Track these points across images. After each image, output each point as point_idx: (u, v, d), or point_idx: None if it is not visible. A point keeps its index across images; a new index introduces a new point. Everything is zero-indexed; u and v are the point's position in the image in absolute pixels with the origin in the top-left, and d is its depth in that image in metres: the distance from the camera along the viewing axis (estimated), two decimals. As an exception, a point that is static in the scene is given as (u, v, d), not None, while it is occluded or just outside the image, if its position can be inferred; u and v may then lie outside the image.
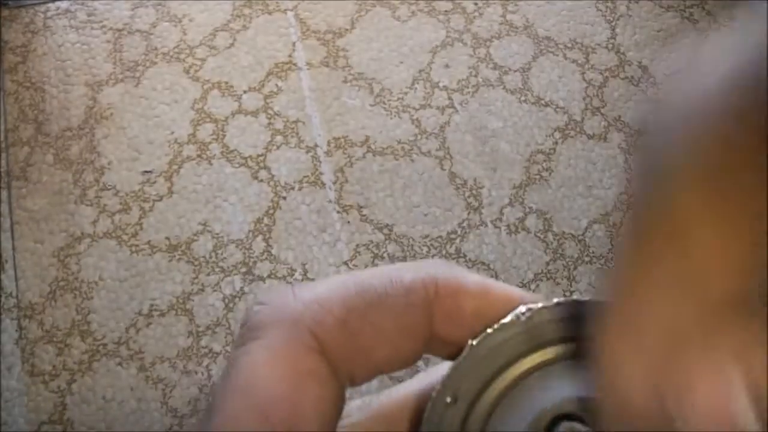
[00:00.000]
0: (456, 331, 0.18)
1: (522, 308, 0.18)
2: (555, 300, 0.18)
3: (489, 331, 0.18)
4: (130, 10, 1.30)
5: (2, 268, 1.10)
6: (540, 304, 0.18)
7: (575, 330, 0.18)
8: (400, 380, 0.21)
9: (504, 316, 0.18)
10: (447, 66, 1.26)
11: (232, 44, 1.27)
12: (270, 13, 1.30)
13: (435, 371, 0.20)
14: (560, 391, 0.18)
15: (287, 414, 0.16)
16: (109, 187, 1.16)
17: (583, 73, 1.27)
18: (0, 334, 1.06)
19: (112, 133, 1.20)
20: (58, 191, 1.15)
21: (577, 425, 0.18)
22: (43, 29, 1.28)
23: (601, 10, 1.32)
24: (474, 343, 0.18)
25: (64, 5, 1.30)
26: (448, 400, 0.18)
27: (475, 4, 1.32)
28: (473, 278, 0.18)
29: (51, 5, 1.30)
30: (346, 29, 1.29)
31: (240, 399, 0.17)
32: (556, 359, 0.18)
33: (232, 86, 1.24)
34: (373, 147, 1.19)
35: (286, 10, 1.30)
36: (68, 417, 1.02)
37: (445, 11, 1.31)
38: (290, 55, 1.26)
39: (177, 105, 1.22)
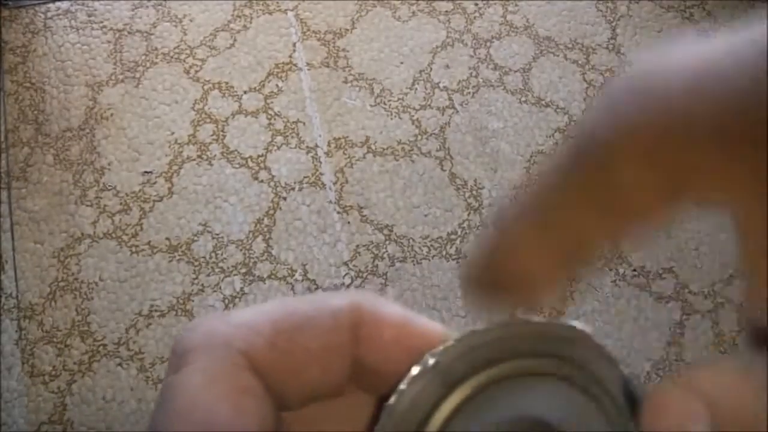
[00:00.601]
0: (377, 357, 0.19)
1: (427, 355, 0.18)
2: (452, 339, 0.18)
3: (402, 387, 0.18)
4: (130, 10, 1.30)
5: (2, 269, 1.10)
6: (441, 347, 0.18)
7: (482, 360, 0.18)
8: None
9: (419, 353, 0.18)
10: (447, 66, 1.26)
11: (232, 44, 1.27)
12: (270, 14, 1.30)
13: None
14: (487, 420, 0.18)
15: None
16: (109, 188, 1.16)
17: (584, 74, 1.26)
18: (0, 334, 1.06)
19: (113, 133, 1.20)
20: (58, 192, 1.15)
21: None
22: (44, 29, 1.28)
23: (601, 11, 1.32)
24: (391, 402, 0.18)
25: (64, 5, 1.30)
26: None
27: (476, 4, 1.32)
28: (395, 309, 0.19)
29: (51, 5, 1.30)
30: (347, 30, 1.29)
31: (181, 424, 0.17)
32: (474, 392, 0.18)
33: (232, 87, 1.24)
34: (373, 147, 1.19)
35: (286, 10, 1.30)
36: (68, 417, 1.02)
37: (446, 12, 1.31)
38: (291, 56, 1.26)
39: (177, 105, 1.22)
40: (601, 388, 0.18)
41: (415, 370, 0.18)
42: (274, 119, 1.21)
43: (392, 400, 0.18)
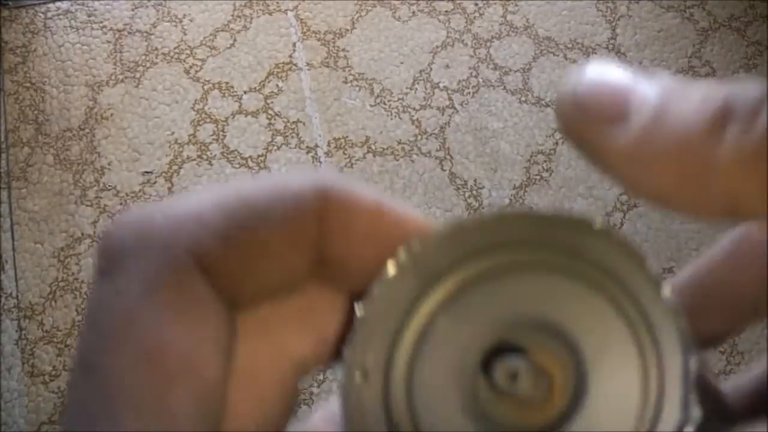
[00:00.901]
0: (347, 250, 0.16)
1: (406, 246, 0.16)
2: (438, 229, 0.16)
3: (377, 283, 0.16)
4: (130, 10, 1.30)
5: (2, 269, 1.10)
6: (422, 237, 0.16)
7: (470, 251, 0.16)
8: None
9: (395, 244, 0.16)
10: (447, 66, 1.26)
11: (232, 44, 1.27)
12: (270, 14, 1.30)
13: None
14: (478, 320, 0.16)
15: (183, 358, 0.14)
16: (110, 188, 1.16)
17: (584, 74, 1.26)
18: (0, 334, 1.06)
19: (113, 133, 1.20)
20: (58, 192, 1.15)
21: (513, 361, 0.15)
22: (44, 29, 1.28)
23: (601, 11, 1.32)
24: (364, 302, 0.15)
25: (64, 5, 1.30)
26: (358, 379, 0.15)
27: (476, 4, 1.32)
28: (367, 193, 0.16)
29: (51, 5, 1.30)
30: (347, 29, 1.29)
31: (120, 351, 0.13)
32: (458, 291, 0.16)
33: (232, 87, 1.24)
34: (373, 147, 1.19)
35: (286, 10, 1.30)
36: (68, 417, 1.02)
37: (446, 11, 1.31)
38: (290, 56, 1.26)
39: (177, 105, 1.22)
40: (622, 290, 0.15)
41: (391, 264, 0.16)
42: (274, 119, 1.21)
43: (366, 299, 0.16)
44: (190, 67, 1.25)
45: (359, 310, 0.16)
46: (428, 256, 0.16)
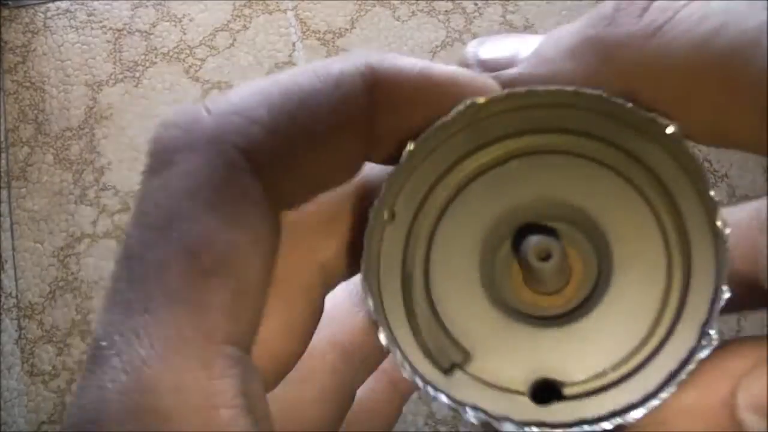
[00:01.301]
0: (399, 122, 0.15)
1: (467, 101, 0.15)
2: (506, 91, 0.15)
3: (428, 132, 0.15)
4: (130, 10, 1.30)
5: (2, 268, 1.10)
6: (487, 97, 0.15)
7: (529, 123, 0.15)
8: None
9: (446, 106, 0.15)
10: (447, 66, 1.26)
11: (232, 44, 1.27)
12: (270, 13, 1.30)
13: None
14: (513, 194, 0.15)
15: (222, 253, 0.14)
16: (109, 187, 1.16)
17: (583, 73, 1.27)
18: (0, 334, 1.06)
19: (112, 133, 1.20)
20: (58, 191, 1.15)
21: (552, 241, 0.15)
22: (43, 29, 1.28)
23: (601, 10, 1.32)
24: (411, 147, 0.15)
25: (64, 5, 1.30)
26: (386, 216, 0.15)
27: (475, 4, 1.32)
28: (411, 61, 0.15)
29: (51, 5, 1.30)
30: (346, 29, 1.29)
31: (161, 241, 0.14)
32: (505, 157, 0.15)
33: (232, 86, 1.24)
34: (373, 147, 1.19)
35: (286, 10, 1.30)
36: (68, 417, 1.02)
37: (445, 11, 1.31)
38: (290, 55, 1.26)
39: (177, 105, 1.22)
40: (671, 204, 0.15)
41: (448, 116, 0.15)
42: (274, 119, 1.21)
43: (412, 144, 0.15)
44: (190, 66, 1.25)
45: (406, 149, 0.15)
46: (485, 119, 0.15)
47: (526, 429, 0.14)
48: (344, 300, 0.17)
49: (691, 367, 0.14)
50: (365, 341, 0.19)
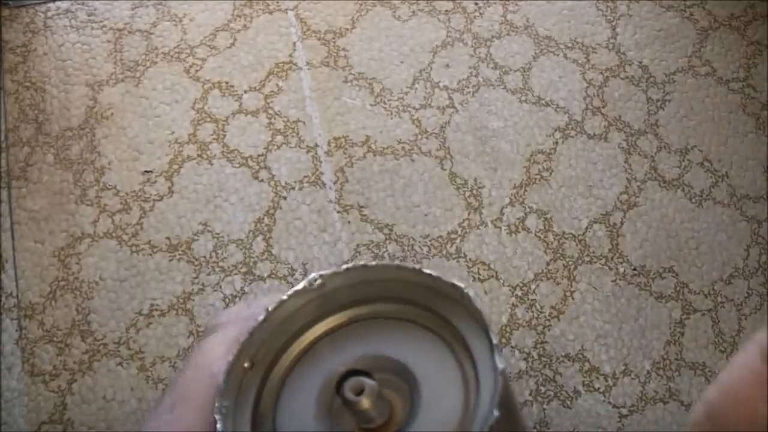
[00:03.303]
0: None
1: (315, 275, 0.19)
2: (344, 266, 0.19)
3: (284, 297, 0.19)
4: (130, 9, 1.30)
5: (2, 268, 1.10)
6: (331, 270, 0.19)
7: (365, 293, 0.19)
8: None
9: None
10: (447, 66, 1.26)
11: (232, 44, 1.27)
12: (270, 13, 1.30)
13: (257, 303, 0.21)
14: (350, 351, 0.20)
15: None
16: (110, 187, 1.16)
17: (584, 73, 1.26)
18: (0, 334, 1.06)
19: (113, 132, 1.20)
20: (58, 191, 1.15)
21: (366, 380, 0.19)
22: (44, 29, 1.28)
23: (601, 10, 1.32)
24: (270, 309, 0.19)
25: (64, 5, 1.30)
26: (246, 365, 0.19)
27: (476, 3, 1.32)
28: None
29: (51, 5, 1.30)
30: (347, 29, 1.29)
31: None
32: (347, 322, 0.20)
33: (232, 86, 1.24)
34: (373, 147, 1.19)
35: (286, 9, 1.30)
36: (68, 417, 1.02)
37: (446, 11, 1.31)
38: (291, 55, 1.26)
39: (177, 105, 1.22)
40: (465, 348, 0.19)
41: (300, 285, 0.19)
42: (275, 119, 1.21)
43: (272, 307, 0.19)
44: (190, 66, 1.25)
45: (265, 315, 0.19)
46: (330, 291, 0.19)
47: None
48: (219, 347, 0.23)
49: None
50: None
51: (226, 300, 1.08)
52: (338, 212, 1.14)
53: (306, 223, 1.14)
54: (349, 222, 1.14)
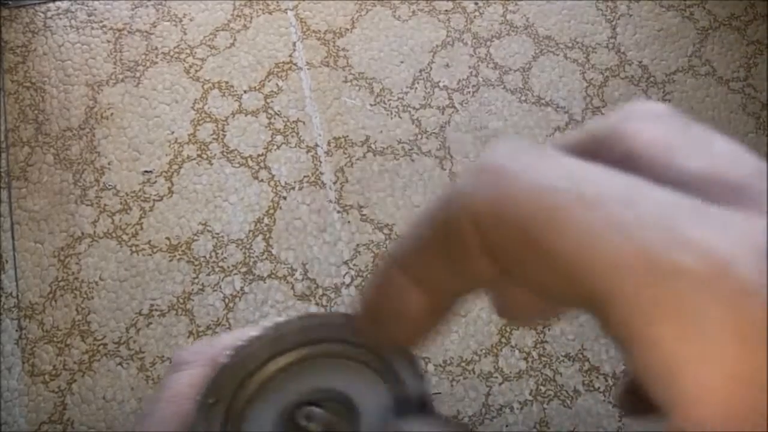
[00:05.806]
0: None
1: (269, 323, 0.23)
2: (296, 315, 0.23)
3: (241, 343, 0.23)
4: (130, 10, 1.30)
5: (2, 268, 1.10)
6: (283, 318, 0.23)
7: (313, 336, 0.23)
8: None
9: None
10: (447, 66, 1.26)
11: (232, 44, 1.27)
12: (270, 13, 1.30)
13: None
14: (301, 384, 0.23)
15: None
16: (110, 187, 1.16)
17: (584, 73, 1.26)
18: (0, 334, 1.06)
19: (113, 133, 1.20)
20: (58, 191, 1.15)
21: (314, 409, 0.22)
22: (44, 29, 1.28)
23: (601, 10, 1.32)
24: (231, 352, 0.23)
25: (64, 5, 1.30)
26: (211, 401, 0.22)
27: (476, 3, 1.32)
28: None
29: (51, 5, 1.30)
30: (347, 29, 1.29)
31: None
32: (298, 360, 0.23)
33: (232, 86, 1.24)
34: (373, 147, 1.19)
35: (286, 9, 1.30)
36: (68, 417, 1.02)
37: (446, 11, 1.31)
38: (290, 55, 1.26)
39: (177, 105, 1.22)
40: (395, 374, 0.23)
41: (256, 332, 0.23)
42: (274, 118, 1.21)
43: (233, 350, 0.23)
44: (190, 66, 1.25)
45: (225, 358, 0.23)
46: (287, 334, 0.23)
47: None
48: (188, 388, 0.25)
49: None
50: None
51: (226, 300, 1.08)
52: (338, 212, 1.14)
53: (306, 223, 1.14)
54: (349, 222, 1.14)
